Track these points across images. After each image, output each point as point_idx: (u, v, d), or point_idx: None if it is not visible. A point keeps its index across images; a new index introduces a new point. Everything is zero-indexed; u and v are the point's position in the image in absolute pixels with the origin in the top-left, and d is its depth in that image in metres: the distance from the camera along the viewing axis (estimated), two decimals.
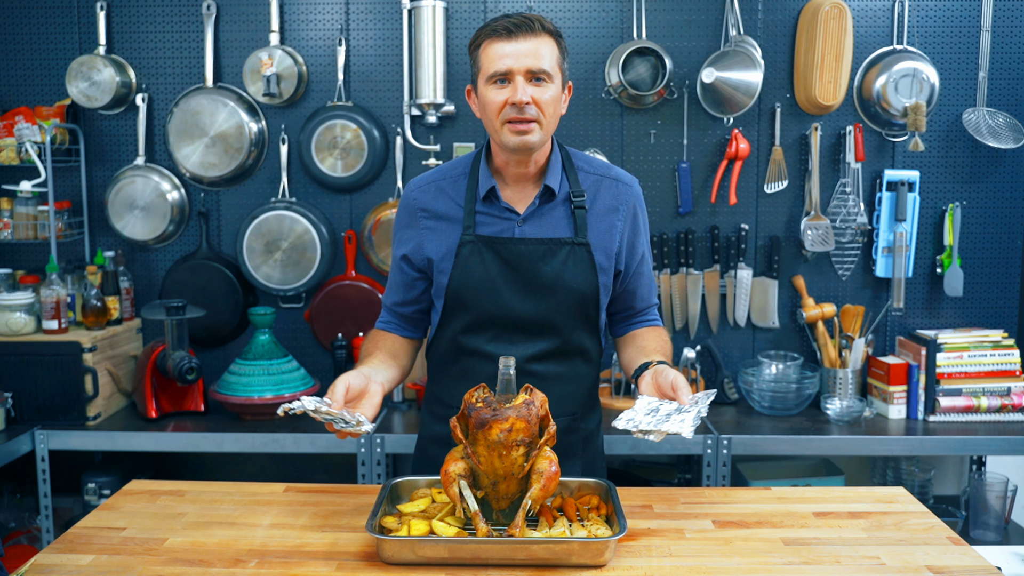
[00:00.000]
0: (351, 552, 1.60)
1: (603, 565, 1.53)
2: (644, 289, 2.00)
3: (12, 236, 3.17)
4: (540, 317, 1.88)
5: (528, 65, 1.76)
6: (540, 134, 1.80)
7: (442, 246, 1.90)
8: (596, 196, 1.91)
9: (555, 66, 1.79)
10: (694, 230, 3.28)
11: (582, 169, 1.93)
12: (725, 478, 2.90)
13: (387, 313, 2.03)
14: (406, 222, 1.95)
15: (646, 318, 2.04)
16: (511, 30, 1.76)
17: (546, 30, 1.79)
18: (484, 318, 1.89)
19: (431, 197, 1.92)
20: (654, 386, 1.74)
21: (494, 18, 1.83)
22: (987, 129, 3.18)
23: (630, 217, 1.93)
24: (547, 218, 1.88)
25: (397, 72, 3.27)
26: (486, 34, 1.80)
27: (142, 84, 3.30)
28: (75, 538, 1.67)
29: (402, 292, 1.98)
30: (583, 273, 1.87)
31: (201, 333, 3.32)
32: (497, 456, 1.58)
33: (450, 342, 1.94)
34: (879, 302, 3.34)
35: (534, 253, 1.86)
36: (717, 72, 3.09)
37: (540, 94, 1.78)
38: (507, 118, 1.78)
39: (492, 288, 1.86)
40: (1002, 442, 2.94)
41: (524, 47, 1.76)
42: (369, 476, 2.92)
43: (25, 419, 3.00)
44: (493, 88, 1.79)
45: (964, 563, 1.57)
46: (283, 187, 3.28)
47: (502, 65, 1.76)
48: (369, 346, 1.96)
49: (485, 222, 1.88)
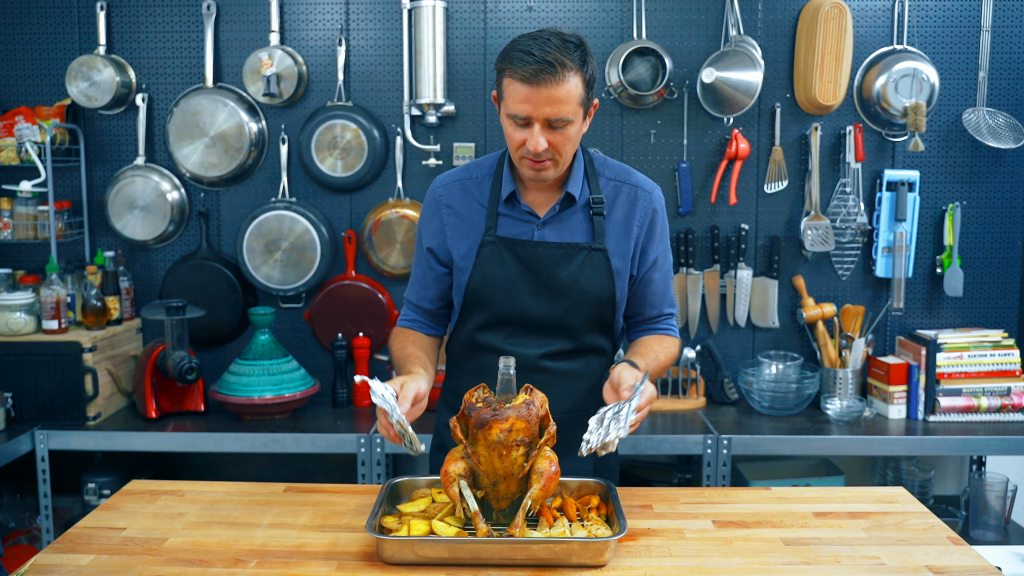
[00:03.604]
0: (351, 552, 1.60)
1: (603, 565, 1.53)
2: (655, 296, 2.00)
3: (12, 236, 3.17)
4: (555, 318, 1.91)
5: (547, 114, 1.74)
6: (555, 170, 1.84)
7: (463, 245, 1.93)
8: (615, 202, 1.94)
9: (576, 106, 1.76)
10: (694, 230, 3.28)
11: (603, 175, 1.96)
12: (725, 478, 2.90)
13: (412, 311, 2.05)
14: (430, 217, 1.98)
15: (657, 326, 2.03)
16: (533, 75, 1.71)
17: (571, 67, 1.73)
18: (501, 317, 1.92)
19: (456, 196, 1.96)
20: (610, 389, 1.75)
21: (522, 45, 1.74)
22: (987, 129, 3.18)
23: (647, 223, 1.95)
24: (567, 223, 1.92)
25: (397, 72, 3.27)
26: (510, 67, 1.75)
27: (142, 84, 3.30)
28: (75, 538, 1.67)
29: (431, 287, 2.00)
30: (599, 277, 1.90)
31: (201, 333, 3.32)
32: (497, 456, 1.58)
33: (468, 338, 1.97)
34: (879, 302, 3.34)
35: (552, 256, 1.89)
36: (717, 72, 3.09)
37: (558, 138, 1.78)
38: (524, 155, 1.81)
39: (510, 288, 1.90)
40: (1002, 442, 2.94)
41: (545, 95, 1.72)
42: (369, 476, 2.92)
43: (25, 419, 3.00)
44: (512, 124, 1.79)
45: (964, 563, 1.57)
46: (283, 187, 3.28)
47: (522, 110, 1.75)
48: (408, 347, 1.95)
49: (506, 224, 1.92)
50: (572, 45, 1.75)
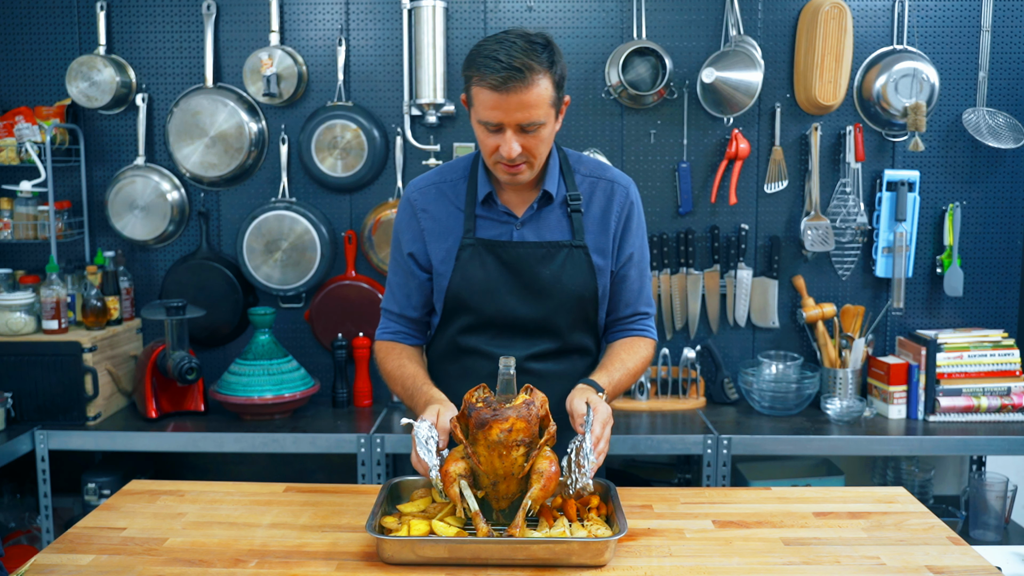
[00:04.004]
0: (351, 552, 1.60)
1: (603, 565, 1.53)
2: (630, 294, 1.97)
3: (12, 236, 3.17)
4: (539, 318, 1.89)
5: (519, 119, 1.72)
6: (531, 172, 1.82)
7: (441, 249, 1.91)
8: (592, 198, 1.92)
9: (548, 108, 1.74)
10: (694, 230, 3.28)
11: (578, 171, 1.94)
12: (725, 478, 2.90)
13: (394, 322, 2.01)
14: (407, 223, 1.96)
15: (632, 327, 2.00)
16: (502, 83, 1.68)
17: (539, 70, 1.70)
18: (484, 320, 1.90)
19: (432, 199, 1.94)
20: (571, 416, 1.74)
21: (488, 50, 1.71)
22: (987, 129, 3.18)
23: (624, 218, 1.93)
24: (545, 221, 1.90)
25: (397, 72, 3.27)
26: (477, 74, 1.71)
27: (142, 84, 3.30)
28: (75, 538, 1.67)
29: (414, 294, 1.97)
30: (581, 275, 1.89)
31: (201, 333, 3.32)
32: (497, 456, 1.58)
33: (450, 342, 1.96)
34: (879, 302, 3.34)
35: (533, 256, 1.88)
36: (717, 72, 3.08)
37: (531, 140, 1.76)
38: (498, 160, 1.79)
39: (492, 290, 1.88)
40: (1002, 442, 2.94)
41: (515, 101, 1.70)
42: (369, 476, 2.92)
43: (25, 419, 3.00)
44: (484, 130, 1.77)
45: (964, 563, 1.57)
46: (283, 187, 3.28)
47: (493, 116, 1.72)
48: (407, 365, 1.93)
49: (484, 225, 1.90)
50: (539, 46, 1.72)
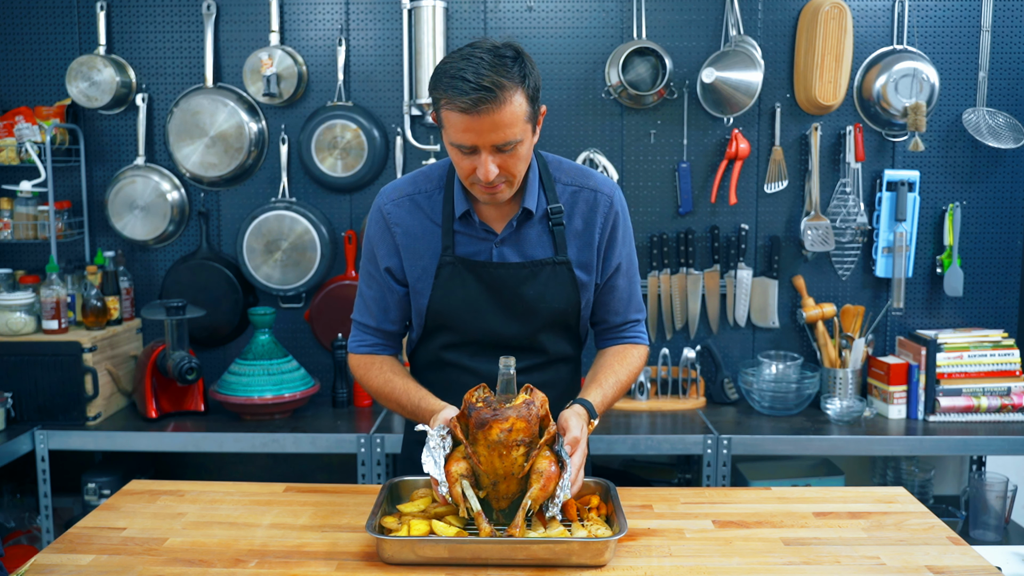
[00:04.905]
0: (351, 552, 1.60)
1: (603, 565, 1.53)
2: (620, 303, 1.92)
3: (12, 236, 3.17)
4: (523, 336, 1.86)
5: (493, 140, 1.63)
6: (511, 190, 1.75)
7: (417, 266, 1.84)
8: (574, 209, 1.84)
9: (524, 124, 1.65)
10: (694, 230, 3.28)
11: (560, 181, 1.85)
12: (725, 478, 2.90)
13: (370, 335, 1.93)
14: (380, 236, 1.86)
15: (624, 334, 1.96)
16: (472, 105, 1.58)
17: (511, 86, 1.60)
18: (467, 338, 1.87)
19: (406, 214, 1.84)
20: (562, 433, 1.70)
21: (454, 69, 1.60)
22: (987, 129, 3.18)
23: (608, 229, 1.86)
24: (525, 237, 1.83)
25: (397, 72, 3.27)
26: (446, 97, 1.61)
27: (142, 84, 3.30)
28: (75, 538, 1.67)
29: (393, 309, 1.90)
30: (564, 291, 1.84)
31: (201, 333, 3.32)
32: (497, 456, 1.58)
33: (434, 355, 1.93)
34: (879, 302, 3.33)
35: (515, 277, 1.82)
36: (717, 72, 3.08)
37: (509, 160, 1.67)
38: (475, 182, 1.71)
39: (474, 310, 1.84)
40: (1002, 442, 2.94)
41: (488, 122, 1.60)
42: (369, 476, 2.92)
43: (25, 419, 3.00)
44: (457, 152, 1.68)
45: (964, 563, 1.57)
46: (283, 187, 3.28)
47: (466, 139, 1.63)
48: (394, 378, 1.87)
49: (463, 242, 1.83)
50: (509, 60, 1.61)
